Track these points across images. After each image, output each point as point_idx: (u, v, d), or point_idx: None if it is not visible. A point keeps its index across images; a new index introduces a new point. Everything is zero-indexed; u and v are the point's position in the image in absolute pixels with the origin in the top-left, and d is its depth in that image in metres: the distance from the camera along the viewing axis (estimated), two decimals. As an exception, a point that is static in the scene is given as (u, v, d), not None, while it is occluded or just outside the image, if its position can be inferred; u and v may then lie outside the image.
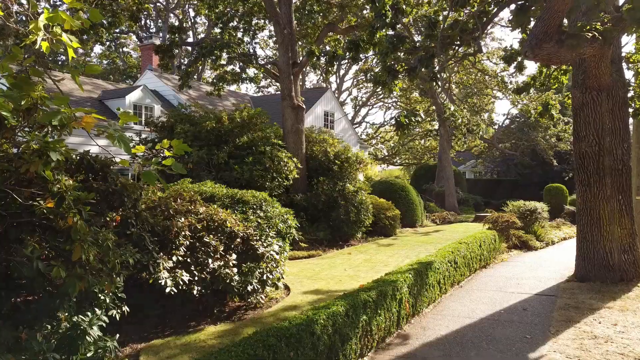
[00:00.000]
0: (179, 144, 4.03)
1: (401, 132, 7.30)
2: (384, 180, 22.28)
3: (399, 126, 7.20)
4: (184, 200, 7.66)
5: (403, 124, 7.14)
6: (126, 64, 41.33)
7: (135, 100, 17.67)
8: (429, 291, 7.75)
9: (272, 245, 8.05)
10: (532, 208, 16.94)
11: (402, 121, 7.12)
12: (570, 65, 10.08)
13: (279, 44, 15.39)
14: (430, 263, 7.96)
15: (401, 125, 7.16)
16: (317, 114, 25.82)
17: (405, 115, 7.25)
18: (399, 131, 7.33)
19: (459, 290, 9.01)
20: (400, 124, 7.16)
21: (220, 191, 8.93)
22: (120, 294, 5.20)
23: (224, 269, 7.11)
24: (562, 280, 9.78)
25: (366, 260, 12.59)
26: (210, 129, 14.37)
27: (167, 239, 6.81)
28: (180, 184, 9.40)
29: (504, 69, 28.07)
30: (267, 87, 44.67)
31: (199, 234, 7.21)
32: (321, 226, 15.03)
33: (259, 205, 8.78)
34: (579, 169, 9.31)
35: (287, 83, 15.59)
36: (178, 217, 7.14)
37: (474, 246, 10.60)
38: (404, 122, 7.12)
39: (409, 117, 7.16)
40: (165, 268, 6.38)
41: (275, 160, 14.15)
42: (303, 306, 7.94)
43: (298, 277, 10.37)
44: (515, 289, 9.03)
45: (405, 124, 7.15)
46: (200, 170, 13.80)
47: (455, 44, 7.94)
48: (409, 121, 7.18)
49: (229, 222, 7.62)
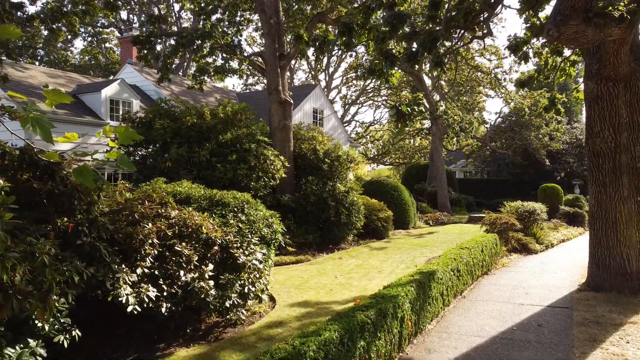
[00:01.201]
0: (125, 132, 3.09)
1: (402, 122, 6.42)
2: (375, 180, 21.42)
3: (400, 116, 6.32)
4: (153, 203, 6.69)
5: (405, 114, 6.25)
6: (109, 60, 39.98)
7: (112, 95, 16.58)
8: (432, 305, 6.88)
9: (255, 253, 7.11)
10: (531, 209, 16.19)
11: (403, 110, 6.23)
12: (581, 55, 9.29)
13: (265, 34, 14.43)
14: (433, 273, 7.08)
15: (402, 116, 6.27)
16: (306, 110, 24.89)
17: (408, 103, 6.37)
18: (399, 122, 6.45)
19: (462, 302, 8.14)
20: (402, 114, 6.27)
21: (197, 192, 7.97)
22: (64, 319, 4.25)
23: (199, 282, 6.17)
24: (573, 289, 8.97)
25: (358, 265, 11.71)
26: (191, 124, 13.36)
27: (130, 249, 5.84)
28: (152, 184, 8.41)
29: (498, 65, 27.43)
30: (254, 84, 43.63)
31: (170, 241, 6.25)
32: (310, 229, 14.11)
33: (241, 207, 7.83)
34: (592, 168, 8.50)
35: (274, 76, 14.64)
36: (145, 222, 6.17)
37: (476, 251, 9.76)
38: (406, 111, 6.23)
39: (412, 106, 6.28)
40: (127, 283, 5.42)
41: (261, 158, 13.20)
42: (290, 322, 7.02)
43: (285, 286, 9.45)
44: (524, 300, 8.20)
45: (408, 113, 6.27)
46: (180, 169, 12.79)
47: (460, 26, 7.11)
48: (412, 110, 6.30)
49: (205, 228, 6.67)
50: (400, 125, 6.53)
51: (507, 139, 35.94)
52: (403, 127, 6.64)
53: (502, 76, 27.76)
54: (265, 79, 18.35)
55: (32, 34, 33.40)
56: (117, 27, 37.34)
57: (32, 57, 36.55)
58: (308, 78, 45.84)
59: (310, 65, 44.20)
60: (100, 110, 16.21)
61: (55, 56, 38.00)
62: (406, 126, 6.72)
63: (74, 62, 40.67)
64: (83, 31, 39.31)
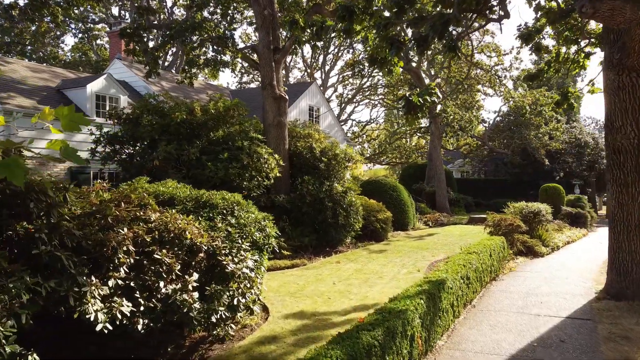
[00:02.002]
0: (69, 115, 2.36)
1: (413, 115, 5.72)
2: (373, 180, 20.74)
3: (410, 108, 5.60)
4: (130, 205, 5.97)
5: (416, 105, 5.54)
6: (100, 57, 39.09)
7: (99, 90, 15.80)
8: (443, 318, 6.19)
9: (246, 261, 6.40)
10: (536, 210, 15.55)
11: (414, 101, 5.52)
12: (597, 45, 8.64)
13: (259, 26, 13.69)
14: (443, 282, 6.39)
15: (413, 107, 5.56)
16: (302, 108, 24.16)
17: (419, 93, 5.66)
18: (409, 114, 5.73)
19: (473, 312, 7.46)
20: (412, 106, 5.55)
21: (183, 192, 7.24)
22: (10, 348, 3.53)
23: (181, 294, 5.45)
24: (590, 297, 8.32)
25: (357, 270, 11.02)
26: (180, 121, 12.62)
27: (102, 257, 5.12)
28: (134, 183, 7.69)
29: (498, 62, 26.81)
30: (249, 82, 42.86)
31: (148, 248, 5.52)
32: (306, 231, 13.40)
33: (230, 209, 7.11)
34: (612, 166, 7.84)
35: (268, 71, 13.92)
36: (120, 226, 5.45)
37: (485, 256, 9.09)
38: (417, 102, 5.53)
39: (423, 96, 5.57)
40: (97, 297, 4.69)
41: (254, 156, 12.49)
42: (284, 337, 6.31)
43: (279, 293, 8.74)
44: (539, 310, 7.53)
45: (419, 104, 5.57)
46: (168, 167, 12.06)
47: (473, 9, 6.43)
48: (423, 101, 5.60)
49: (189, 232, 5.95)
50: (410, 117, 5.82)
51: (506, 138, 35.37)
52: (413, 119, 5.94)
53: (502, 73, 27.13)
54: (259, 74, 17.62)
55: (20, 30, 32.52)
56: (108, 22, 36.46)
57: (21, 53, 35.63)
58: (304, 76, 45.14)
59: (305, 63, 43.53)
60: (86, 106, 15.44)
61: (44, 53, 37.08)
62: (417, 119, 6.04)
63: (65, 59, 39.76)
64: (73, 27, 38.43)
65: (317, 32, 6.97)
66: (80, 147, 14.93)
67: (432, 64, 30.74)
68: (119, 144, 13.15)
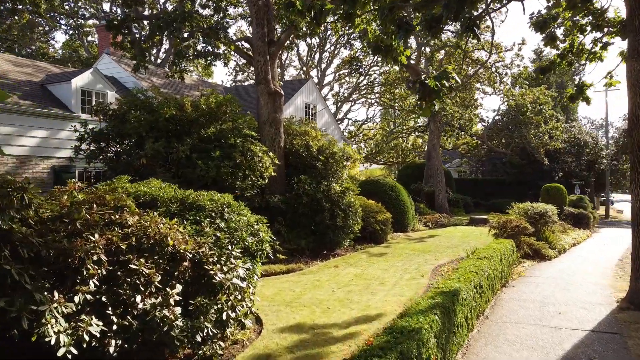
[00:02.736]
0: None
1: (429, 101, 5.03)
2: (371, 179, 20.07)
3: (425, 93, 4.91)
4: (105, 207, 5.26)
5: (432, 90, 4.85)
6: (91, 54, 38.21)
7: (84, 85, 15.02)
8: (458, 334, 5.53)
9: (236, 269, 5.70)
10: (542, 211, 14.94)
11: (430, 85, 4.83)
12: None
13: (253, 17, 12.98)
14: (456, 293, 5.73)
15: (429, 92, 4.86)
16: (298, 105, 23.46)
17: (436, 76, 4.96)
18: (424, 100, 5.04)
19: (487, 325, 6.80)
20: (429, 90, 4.86)
21: (167, 193, 6.53)
22: None
23: (161, 310, 4.75)
24: (612, 306, 7.68)
25: (357, 275, 10.34)
26: (169, 117, 11.88)
27: (68, 269, 4.42)
28: (115, 182, 6.98)
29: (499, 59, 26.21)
30: (244, 81, 42.10)
31: (123, 257, 4.83)
32: (302, 233, 12.71)
33: (220, 212, 6.41)
34: (636, 164, 7.20)
35: (263, 64, 13.21)
36: (91, 232, 4.75)
37: (496, 262, 8.44)
38: (434, 86, 4.84)
39: (441, 80, 4.88)
40: (58, 316, 3.99)
41: (248, 154, 11.78)
42: (280, 356, 5.63)
43: (274, 302, 8.05)
44: (559, 322, 6.88)
45: (436, 89, 4.88)
46: (156, 166, 11.33)
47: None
48: (441, 86, 4.92)
49: (172, 238, 5.25)
50: (425, 104, 5.12)
51: (506, 137, 34.82)
52: (428, 107, 5.25)
53: (503, 70, 26.51)
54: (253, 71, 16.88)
55: (8, 25, 31.64)
56: (98, 18, 35.61)
57: (9, 50, 34.70)
58: (299, 74, 44.43)
59: (301, 60, 42.84)
60: (71, 101, 14.66)
61: (32, 49, 36.16)
62: (432, 106, 5.34)
63: (55, 55, 38.85)
64: (64, 23, 37.55)
65: (316, 16, 6.30)
66: (63, 145, 14.18)
67: (430, 62, 30.14)
68: (105, 142, 12.41)
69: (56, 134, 14.31)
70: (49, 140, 14.14)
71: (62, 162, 14.36)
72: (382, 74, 39.14)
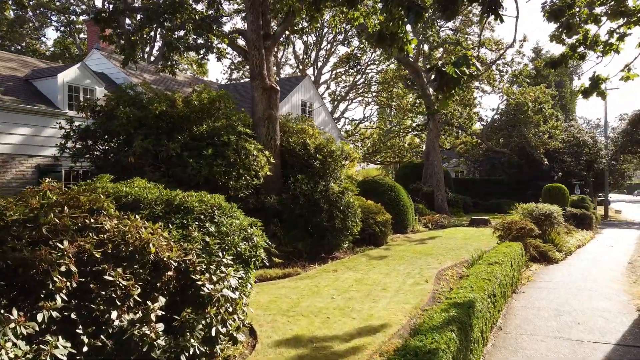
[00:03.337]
0: None
1: (447, 90, 4.47)
2: (370, 179, 19.52)
3: (443, 82, 4.35)
4: (78, 209, 4.67)
5: (450, 78, 4.31)
6: (82, 51, 37.46)
7: (71, 80, 14.38)
8: (475, 350, 4.97)
9: (227, 279, 5.12)
10: (547, 212, 14.44)
11: (449, 72, 4.28)
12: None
13: (247, 9, 12.39)
14: (472, 304, 5.17)
15: (448, 81, 4.32)
16: (294, 103, 22.88)
17: (455, 63, 4.40)
18: (442, 90, 4.49)
19: (501, 337, 6.25)
20: (447, 78, 4.30)
21: (151, 194, 5.93)
22: None
23: (140, 327, 4.17)
24: (633, 314, 7.17)
25: (358, 280, 9.78)
26: (159, 113, 11.27)
27: (32, 281, 3.83)
28: (96, 182, 6.38)
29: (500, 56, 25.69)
30: (239, 79, 41.46)
31: (97, 266, 4.24)
32: (299, 235, 12.13)
33: (209, 214, 5.82)
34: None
35: (258, 59, 12.63)
36: (60, 238, 4.16)
37: (507, 267, 7.90)
38: (453, 74, 4.29)
39: (461, 67, 4.32)
40: (14, 338, 3.40)
41: (242, 153, 11.20)
42: (275, 375, 5.05)
43: (269, 311, 7.48)
44: (580, 333, 6.34)
45: (456, 77, 4.33)
46: (145, 165, 10.73)
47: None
48: (461, 73, 4.37)
49: (154, 245, 4.67)
50: (443, 94, 4.56)
51: (504, 136, 34.36)
52: (447, 97, 4.68)
53: (503, 68, 26.01)
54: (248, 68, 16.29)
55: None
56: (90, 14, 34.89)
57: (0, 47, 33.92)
58: (296, 73, 43.85)
59: (297, 59, 42.28)
60: (57, 97, 14.02)
61: (22, 46, 35.39)
62: (452, 96, 4.78)
63: (46, 53, 38.08)
64: (55, 20, 36.79)
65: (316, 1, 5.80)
66: (49, 143, 13.53)
67: (428, 60, 29.65)
68: (92, 139, 11.79)
69: (41, 132, 13.66)
70: (33, 138, 13.49)
71: (48, 160, 13.71)
72: (379, 73, 38.62)
